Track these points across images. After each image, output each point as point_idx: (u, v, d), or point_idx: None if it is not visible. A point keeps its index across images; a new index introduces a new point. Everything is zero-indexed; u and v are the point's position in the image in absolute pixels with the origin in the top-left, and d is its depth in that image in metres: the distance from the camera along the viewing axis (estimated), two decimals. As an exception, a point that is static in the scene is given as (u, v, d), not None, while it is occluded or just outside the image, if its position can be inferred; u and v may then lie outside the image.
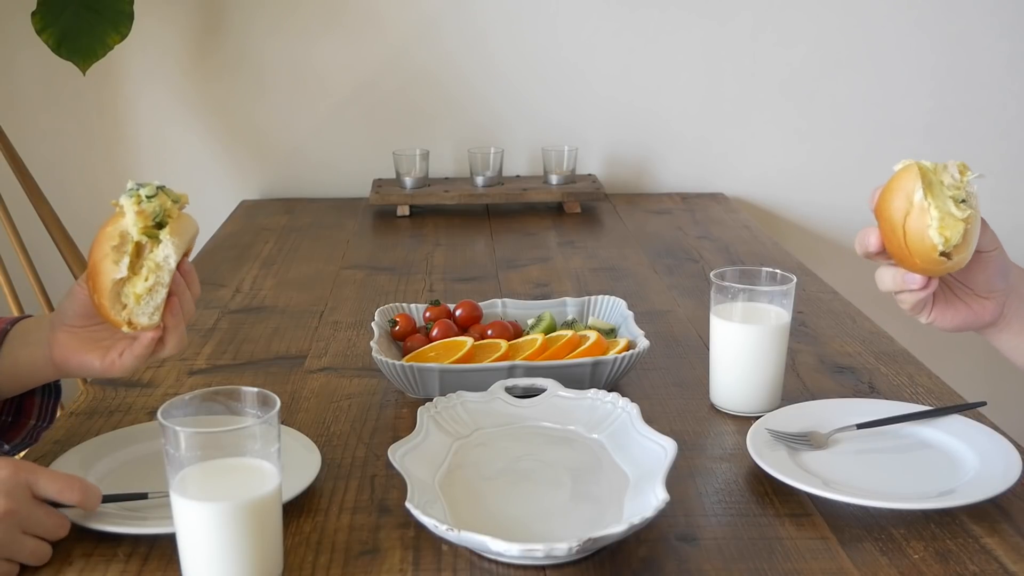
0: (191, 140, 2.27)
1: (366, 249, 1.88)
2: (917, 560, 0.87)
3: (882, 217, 0.95)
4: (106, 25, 1.94)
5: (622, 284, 1.63)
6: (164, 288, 0.92)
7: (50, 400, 1.08)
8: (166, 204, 0.93)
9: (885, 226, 0.95)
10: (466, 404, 1.09)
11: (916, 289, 0.96)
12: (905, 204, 0.93)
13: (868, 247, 0.97)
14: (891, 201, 0.94)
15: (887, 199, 0.95)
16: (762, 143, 2.31)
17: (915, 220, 0.92)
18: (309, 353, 1.36)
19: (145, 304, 0.92)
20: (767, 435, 1.04)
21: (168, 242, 0.92)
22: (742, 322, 1.14)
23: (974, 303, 1.00)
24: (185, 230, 0.94)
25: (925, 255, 0.92)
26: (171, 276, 0.92)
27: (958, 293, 1.01)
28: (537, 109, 2.27)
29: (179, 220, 0.94)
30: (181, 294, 0.95)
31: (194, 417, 0.81)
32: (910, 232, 0.93)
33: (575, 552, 0.82)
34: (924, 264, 0.93)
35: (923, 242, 0.92)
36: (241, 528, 0.78)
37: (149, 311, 0.92)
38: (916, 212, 0.92)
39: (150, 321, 0.93)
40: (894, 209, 0.94)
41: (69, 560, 0.87)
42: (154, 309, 0.92)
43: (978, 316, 1.01)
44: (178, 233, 0.93)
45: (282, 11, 2.20)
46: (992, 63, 2.27)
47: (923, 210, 0.92)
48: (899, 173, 0.96)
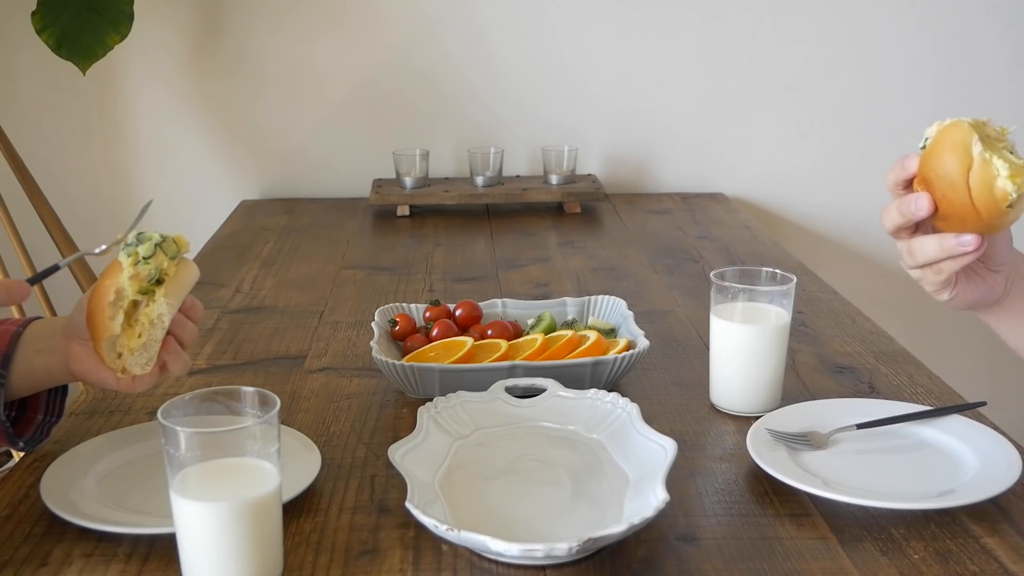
0: (191, 140, 2.27)
1: (366, 249, 1.88)
2: (917, 560, 0.87)
3: (936, 177, 0.90)
4: (106, 25, 1.94)
5: (622, 284, 1.64)
6: (157, 343, 0.95)
7: (58, 395, 1.09)
8: (163, 264, 0.94)
9: (941, 184, 0.90)
10: (466, 404, 1.09)
11: (971, 251, 0.91)
12: (964, 158, 0.88)
13: (918, 212, 0.92)
14: (944, 159, 0.89)
15: (938, 158, 0.90)
16: (762, 143, 2.31)
17: (979, 172, 0.87)
18: (309, 353, 1.36)
19: (138, 356, 0.95)
20: (767, 435, 1.04)
21: (163, 302, 0.94)
22: (742, 322, 1.14)
23: (988, 277, 0.99)
24: (182, 286, 0.96)
25: (994, 207, 0.87)
26: (164, 331, 0.95)
27: (974, 268, 0.99)
28: (537, 109, 2.27)
29: (176, 276, 0.95)
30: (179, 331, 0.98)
31: (194, 417, 0.81)
32: (976, 186, 0.88)
33: (575, 552, 0.82)
34: (990, 217, 0.88)
35: (992, 194, 0.87)
36: (241, 528, 0.78)
37: (142, 362, 0.95)
38: (979, 164, 0.88)
39: (143, 371, 0.96)
40: (951, 166, 0.89)
41: (69, 560, 0.87)
42: (147, 360, 0.96)
43: (992, 290, 0.99)
44: (174, 292, 0.95)
45: (282, 11, 2.20)
46: (992, 63, 2.27)
47: (986, 162, 0.87)
48: (946, 130, 0.91)
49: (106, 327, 0.93)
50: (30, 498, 0.97)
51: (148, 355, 0.95)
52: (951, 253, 0.92)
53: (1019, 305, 1.01)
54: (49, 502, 0.93)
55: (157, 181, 2.28)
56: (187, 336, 0.99)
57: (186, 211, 2.28)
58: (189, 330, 1.00)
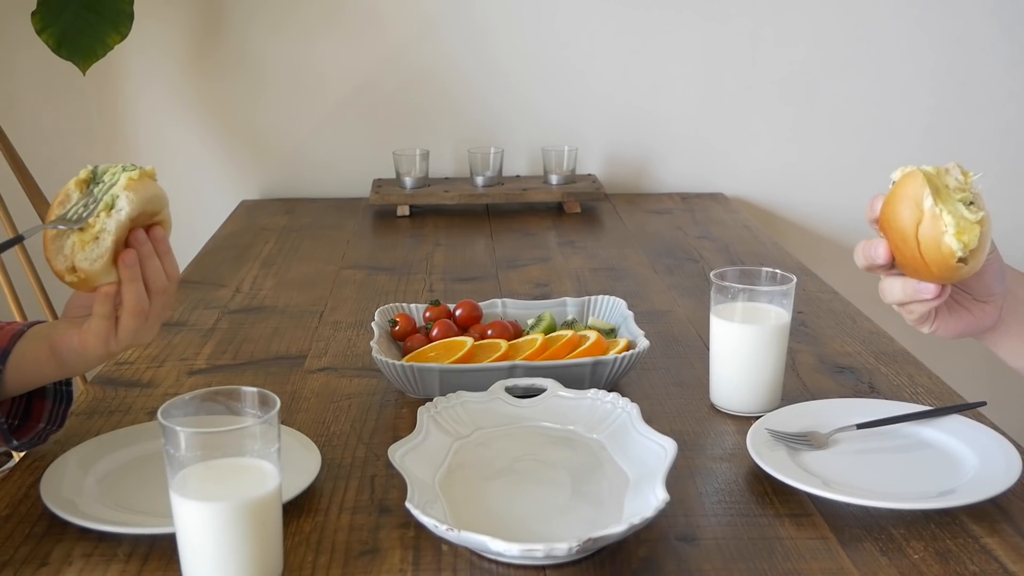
0: (191, 140, 2.27)
1: (366, 249, 1.88)
2: (917, 560, 0.87)
3: (890, 228, 0.92)
4: (106, 25, 1.94)
5: (622, 284, 1.63)
6: (110, 235, 0.91)
7: (61, 405, 1.08)
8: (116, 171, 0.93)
9: (894, 236, 0.91)
10: (466, 404, 1.09)
11: (930, 299, 0.93)
12: (915, 212, 0.89)
13: (876, 259, 0.94)
14: (898, 211, 0.91)
15: (893, 209, 0.91)
16: (762, 143, 2.31)
17: (928, 228, 0.89)
18: (309, 353, 1.36)
19: (90, 250, 0.91)
20: (767, 435, 1.04)
21: (122, 195, 0.91)
22: (742, 322, 1.14)
23: (974, 308, 1.00)
24: (145, 189, 0.93)
25: (942, 263, 0.89)
26: (120, 228, 0.91)
27: (958, 299, 1.00)
28: (537, 109, 2.27)
29: (141, 181, 0.93)
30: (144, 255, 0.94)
31: (194, 417, 0.81)
32: (924, 241, 0.89)
33: (575, 552, 0.82)
34: (940, 272, 0.90)
35: (939, 250, 0.88)
36: (241, 528, 0.78)
37: (92, 256, 0.91)
38: (928, 219, 0.89)
39: (91, 267, 0.91)
40: (903, 219, 0.90)
41: (69, 560, 0.87)
42: (97, 256, 0.91)
43: (979, 321, 1.00)
44: (135, 189, 0.92)
45: (282, 11, 2.20)
46: (992, 63, 2.27)
47: (935, 217, 0.88)
48: (902, 181, 0.92)
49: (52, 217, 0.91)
50: (30, 498, 0.97)
51: (99, 250, 0.91)
52: (914, 298, 0.94)
53: (1016, 329, 1.01)
54: (49, 502, 0.93)
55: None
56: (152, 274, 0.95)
57: (186, 211, 2.26)
58: (154, 270, 0.95)
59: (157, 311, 0.97)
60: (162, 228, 0.98)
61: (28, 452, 1.08)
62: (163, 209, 0.98)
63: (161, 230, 0.97)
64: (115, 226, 0.91)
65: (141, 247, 0.94)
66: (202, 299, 1.58)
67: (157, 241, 0.96)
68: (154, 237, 0.96)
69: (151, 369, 1.30)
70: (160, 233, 0.97)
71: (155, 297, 0.96)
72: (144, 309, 0.95)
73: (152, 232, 0.96)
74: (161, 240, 0.97)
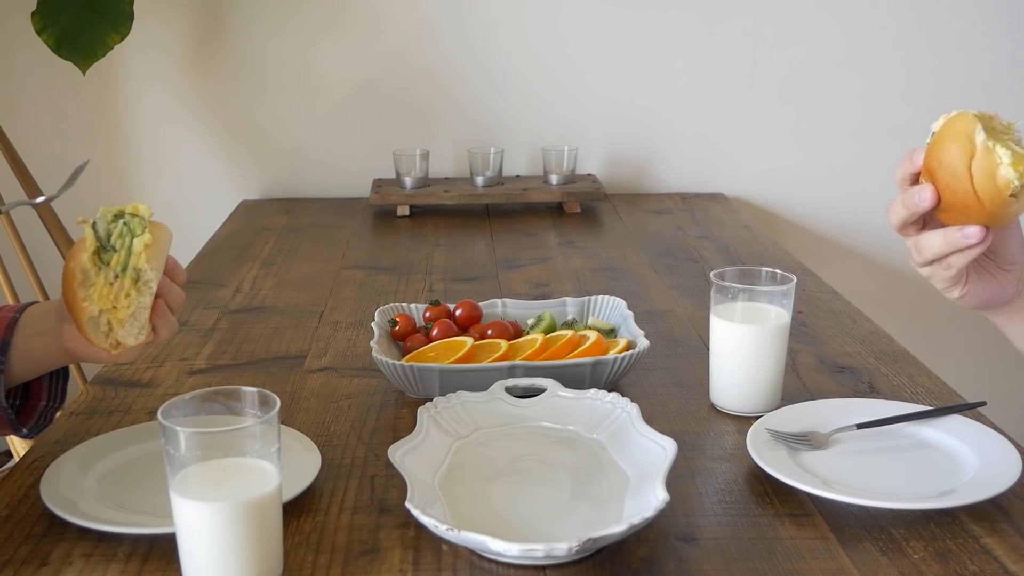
0: (191, 140, 2.27)
1: (366, 249, 1.88)
2: (917, 560, 0.87)
3: (939, 167, 0.90)
4: (106, 25, 1.94)
5: (622, 284, 1.64)
6: (146, 310, 0.94)
7: (59, 381, 1.09)
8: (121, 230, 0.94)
9: (944, 174, 0.89)
10: (466, 404, 1.09)
11: (974, 244, 0.91)
12: (968, 147, 0.88)
13: (921, 203, 0.92)
14: (948, 148, 0.89)
15: (942, 147, 0.90)
16: (762, 143, 2.31)
17: (982, 161, 0.87)
18: (309, 353, 1.36)
19: (129, 327, 0.94)
20: (767, 435, 1.04)
21: (145, 268, 0.94)
22: (742, 322, 1.14)
23: (999, 276, 0.99)
24: (160, 249, 0.96)
25: (996, 196, 0.87)
26: (152, 296, 0.95)
27: (984, 265, 0.99)
28: (537, 109, 2.27)
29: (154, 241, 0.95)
30: (167, 294, 0.98)
31: (194, 417, 0.81)
32: (978, 175, 0.88)
33: (575, 552, 0.82)
34: (993, 207, 0.88)
35: (995, 181, 0.87)
36: (241, 528, 0.78)
37: (134, 332, 0.95)
38: (981, 153, 0.88)
39: (136, 341, 0.95)
40: (955, 155, 0.89)
41: (69, 560, 0.87)
42: (139, 329, 0.95)
43: (1004, 289, 0.99)
44: (154, 256, 0.95)
45: (282, 11, 2.20)
46: (992, 63, 2.27)
47: (989, 150, 0.88)
48: (951, 120, 0.91)
49: (82, 309, 0.93)
50: (30, 498, 0.97)
51: (139, 323, 0.94)
52: (956, 246, 0.92)
53: None
54: (49, 502, 0.93)
55: (157, 181, 2.28)
56: (174, 299, 0.99)
57: (186, 211, 2.28)
58: (176, 293, 1.00)
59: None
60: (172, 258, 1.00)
61: (28, 452, 1.07)
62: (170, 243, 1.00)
63: (174, 261, 1.00)
64: (148, 300, 0.94)
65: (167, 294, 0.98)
66: (202, 299, 1.58)
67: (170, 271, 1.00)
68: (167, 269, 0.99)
69: (151, 369, 1.30)
70: (172, 262, 1.00)
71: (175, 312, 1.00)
72: (174, 330, 1.00)
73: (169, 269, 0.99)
74: (173, 267, 1.00)
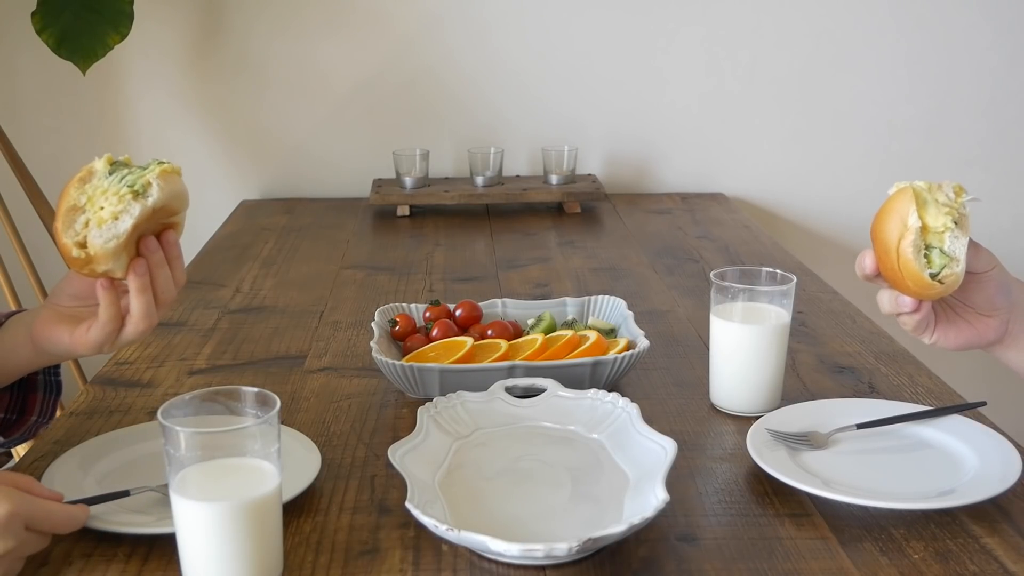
0: (191, 140, 2.27)
1: (366, 249, 1.88)
2: (917, 560, 0.87)
3: (877, 239, 0.96)
4: (106, 25, 1.94)
5: (622, 284, 1.63)
6: (131, 219, 0.89)
7: (51, 397, 1.08)
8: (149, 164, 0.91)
9: (879, 248, 0.96)
10: (466, 404, 1.09)
11: (909, 312, 0.97)
12: (899, 226, 0.94)
13: (864, 269, 0.98)
14: (886, 223, 0.95)
15: (882, 221, 0.95)
16: (762, 143, 2.31)
17: (908, 246, 0.93)
18: (309, 353, 1.36)
19: (105, 230, 0.88)
20: (767, 435, 1.04)
21: (155, 182, 0.89)
22: (742, 322, 1.14)
23: (977, 322, 1.00)
24: (175, 184, 0.91)
25: (917, 278, 0.93)
26: (143, 214, 0.89)
27: (960, 312, 1.01)
28: (537, 109, 2.27)
29: (173, 175, 0.91)
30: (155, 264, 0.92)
31: (194, 417, 0.81)
32: (903, 256, 0.93)
33: (575, 552, 0.82)
34: (917, 288, 0.94)
35: (916, 267, 0.93)
36: (241, 528, 0.78)
37: (106, 236, 0.88)
38: (909, 238, 0.93)
39: (104, 246, 0.88)
40: (888, 231, 0.94)
41: (69, 560, 0.87)
42: (112, 236, 0.88)
43: (981, 335, 1.00)
44: (167, 180, 0.90)
45: (282, 11, 2.20)
46: (992, 63, 2.27)
47: (916, 235, 0.93)
48: (894, 196, 0.96)
49: (69, 196, 0.89)
50: (30, 498, 0.97)
51: (115, 232, 0.88)
52: (897, 311, 0.98)
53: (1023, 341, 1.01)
54: (49, 502, 0.93)
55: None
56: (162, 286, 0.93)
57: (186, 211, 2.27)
58: (165, 280, 0.93)
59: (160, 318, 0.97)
60: (175, 232, 0.95)
61: (28, 452, 1.08)
62: (182, 210, 0.95)
63: (174, 234, 0.95)
64: (139, 211, 0.89)
65: (152, 255, 0.92)
66: (202, 299, 1.58)
67: (169, 246, 0.94)
68: (166, 242, 0.93)
69: (151, 369, 1.30)
70: (173, 237, 0.94)
71: (161, 308, 0.95)
72: (152, 322, 0.94)
73: (164, 237, 0.94)
74: (173, 245, 0.94)
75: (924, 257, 0.93)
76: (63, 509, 0.85)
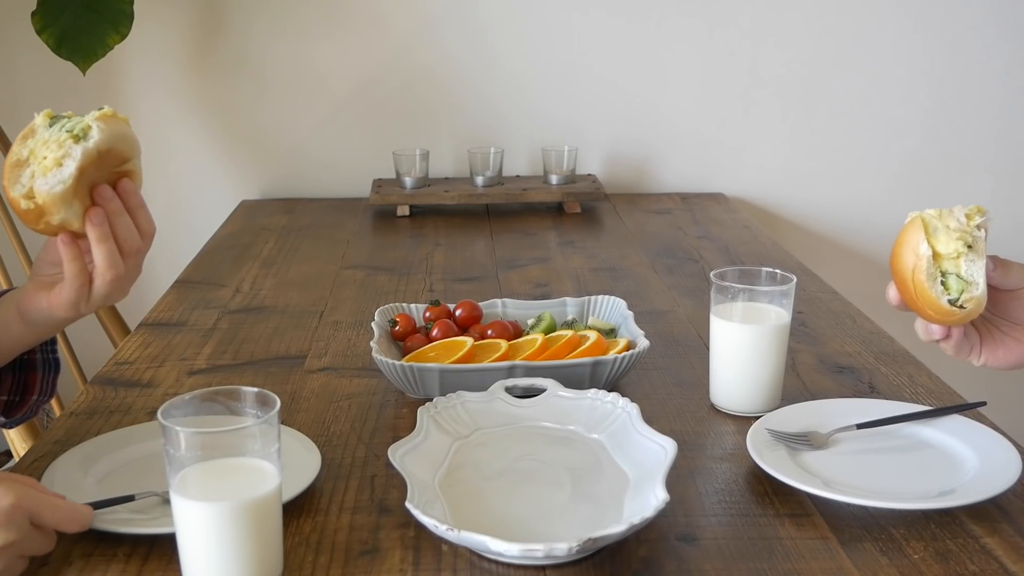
0: (191, 141, 2.27)
1: (366, 249, 1.88)
2: (917, 560, 0.87)
3: (895, 272, 0.96)
4: (106, 25, 1.94)
5: (622, 284, 1.63)
6: (75, 162, 0.87)
7: (50, 374, 1.09)
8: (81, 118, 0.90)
9: (897, 281, 0.96)
10: (466, 404, 1.09)
11: (939, 339, 0.97)
12: (912, 257, 0.94)
13: (890, 301, 0.98)
14: (900, 256, 0.95)
15: (896, 254, 0.96)
16: (762, 143, 2.31)
17: (923, 276, 0.93)
18: (309, 353, 1.36)
19: (51, 176, 0.87)
20: (767, 435, 1.04)
21: (94, 124, 0.88)
22: (742, 322, 1.14)
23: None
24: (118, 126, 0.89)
25: (935, 306, 0.93)
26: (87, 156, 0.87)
27: (1007, 331, 0.99)
28: (537, 109, 2.27)
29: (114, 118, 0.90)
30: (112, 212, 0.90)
31: (194, 417, 0.81)
32: (918, 286, 0.94)
33: (575, 552, 0.82)
34: (938, 315, 0.94)
35: (932, 295, 0.93)
36: (241, 528, 0.78)
37: (52, 182, 0.87)
38: (923, 266, 0.93)
39: (50, 192, 0.87)
40: (903, 263, 0.95)
41: (69, 560, 0.87)
42: (58, 182, 0.87)
43: None
44: (107, 122, 0.89)
45: (282, 11, 2.20)
46: (991, 63, 2.27)
47: (929, 263, 0.93)
48: (905, 227, 0.96)
49: (12, 152, 0.88)
50: (30, 498, 0.97)
51: (61, 177, 0.87)
52: (930, 339, 0.98)
53: None
54: (49, 502, 0.93)
55: (157, 181, 2.28)
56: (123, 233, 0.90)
57: (186, 211, 2.28)
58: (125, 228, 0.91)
59: (129, 271, 0.94)
60: (131, 180, 0.93)
61: (28, 452, 1.08)
62: (134, 157, 0.93)
63: (130, 182, 0.92)
64: (81, 152, 0.88)
65: (108, 204, 0.90)
66: (202, 299, 1.58)
67: (127, 195, 0.92)
68: (123, 190, 0.91)
69: (151, 369, 1.30)
70: (129, 186, 0.92)
71: (128, 258, 0.92)
72: (118, 272, 0.92)
73: (120, 186, 0.91)
74: (132, 193, 0.92)
75: (941, 284, 0.93)
76: (69, 505, 0.85)
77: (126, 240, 0.92)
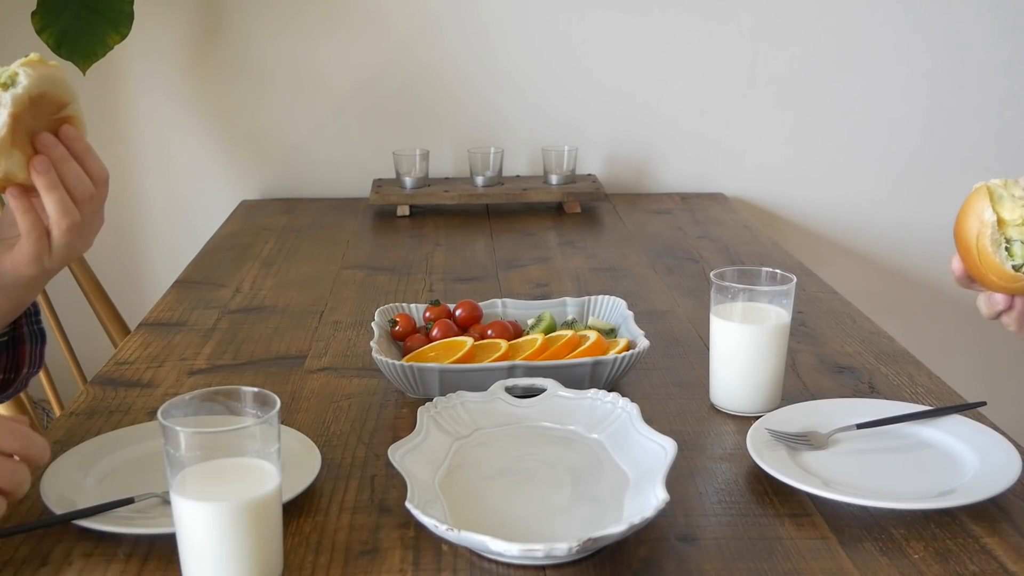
0: (191, 141, 2.27)
1: (366, 249, 1.88)
2: (917, 560, 0.87)
3: (958, 240, 0.97)
4: (106, 25, 1.94)
5: (622, 284, 1.64)
6: (5, 109, 0.86)
7: (37, 346, 1.08)
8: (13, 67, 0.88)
9: (961, 249, 0.96)
10: (466, 404, 1.09)
11: (1003, 309, 0.97)
12: (976, 224, 0.94)
13: (953, 272, 0.98)
14: (964, 223, 0.96)
15: (961, 221, 0.96)
16: (762, 143, 2.31)
17: (987, 241, 0.94)
18: (309, 353, 1.36)
19: None
20: (767, 435, 1.04)
21: (20, 71, 0.87)
22: (742, 322, 1.14)
23: None
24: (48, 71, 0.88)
25: (1000, 272, 0.94)
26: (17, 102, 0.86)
27: None
28: (537, 109, 2.27)
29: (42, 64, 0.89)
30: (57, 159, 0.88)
31: (194, 417, 0.81)
32: (983, 253, 0.94)
33: (575, 552, 0.82)
34: (1002, 281, 0.94)
35: (996, 261, 0.93)
36: (241, 528, 0.78)
37: None
38: (987, 232, 0.94)
39: None
40: (967, 230, 0.95)
41: (69, 560, 0.87)
42: None
43: None
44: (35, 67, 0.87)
45: (282, 11, 2.20)
46: (991, 63, 2.27)
47: (994, 229, 0.94)
48: (970, 196, 0.97)
49: None
50: (30, 498, 0.97)
51: None
52: (994, 310, 0.97)
53: None
54: (49, 502, 0.93)
55: (157, 181, 2.28)
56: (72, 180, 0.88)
57: (186, 211, 2.28)
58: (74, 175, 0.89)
59: (88, 220, 0.92)
60: (73, 126, 0.91)
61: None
62: (72, 102, 0.91)
63: (72, 128, 0.91)
64: (11, 99, 0.86)
65: (52, 151, 0.88)
66: (202, 299, 1.58)
67: (71, 140, 0.90)
68: (65, 136, 0.89)
69: (151, 369, 1.30)
70: (72, 131, 0.90)
71: (82, 205, 0.90)
72: (73, 220, 0.90)
73: (62, 132, 0.90)
74: (75, 139, 0.90)
75: (1005, 250, 0.93)
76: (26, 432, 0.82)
77: (76, 187, 0.90)
